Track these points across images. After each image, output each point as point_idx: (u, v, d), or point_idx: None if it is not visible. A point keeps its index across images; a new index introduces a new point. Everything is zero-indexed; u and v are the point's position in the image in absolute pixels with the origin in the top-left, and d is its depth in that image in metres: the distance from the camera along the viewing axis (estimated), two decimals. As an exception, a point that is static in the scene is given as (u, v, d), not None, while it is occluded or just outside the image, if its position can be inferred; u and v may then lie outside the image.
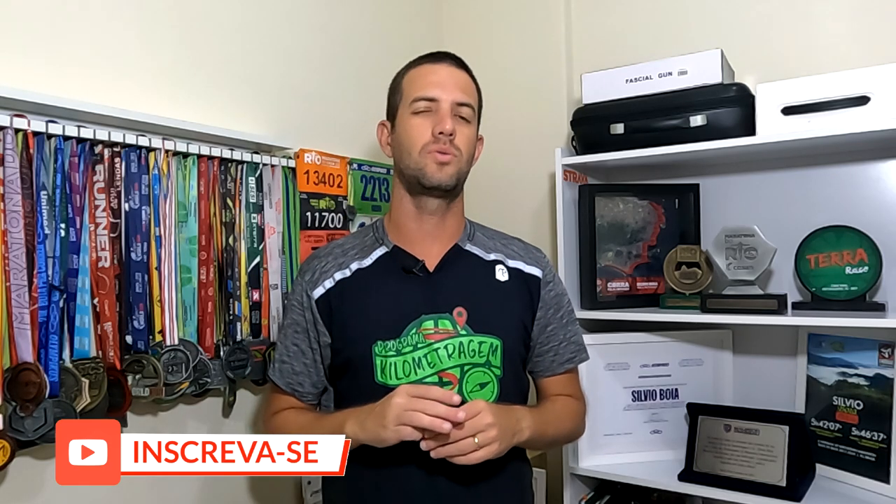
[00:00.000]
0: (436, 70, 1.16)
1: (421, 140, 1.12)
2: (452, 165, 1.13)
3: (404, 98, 1.16)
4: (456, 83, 1.15)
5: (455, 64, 1.18)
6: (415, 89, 1.15)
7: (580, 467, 1.66)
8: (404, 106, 1.16)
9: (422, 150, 1.12)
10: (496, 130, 2.01)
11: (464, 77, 1.18)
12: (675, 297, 1.66)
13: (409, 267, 1.15)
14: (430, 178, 1.12)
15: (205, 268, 1.33)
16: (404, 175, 1.17)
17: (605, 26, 1.95)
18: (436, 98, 1.13)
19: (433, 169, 1.12)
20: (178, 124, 1.29)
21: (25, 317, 1.04)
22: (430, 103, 1.13)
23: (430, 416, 0.95)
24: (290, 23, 1.64)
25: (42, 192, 1.08)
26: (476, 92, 1.21)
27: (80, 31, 1.21)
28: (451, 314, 1.13)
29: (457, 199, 1.21)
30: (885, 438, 1.43)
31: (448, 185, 1.13)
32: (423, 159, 1.12)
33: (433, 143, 1.11)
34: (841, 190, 1.60)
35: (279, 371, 1.20)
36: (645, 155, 1.58)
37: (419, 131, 1.13)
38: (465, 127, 1.15)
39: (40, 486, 1.14)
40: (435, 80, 1.15)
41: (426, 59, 1.19)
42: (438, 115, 1.12)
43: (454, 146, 1.12)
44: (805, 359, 1.61)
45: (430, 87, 1.14)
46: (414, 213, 1.18)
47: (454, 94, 1.14)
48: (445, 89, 1.14)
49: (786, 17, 1.69)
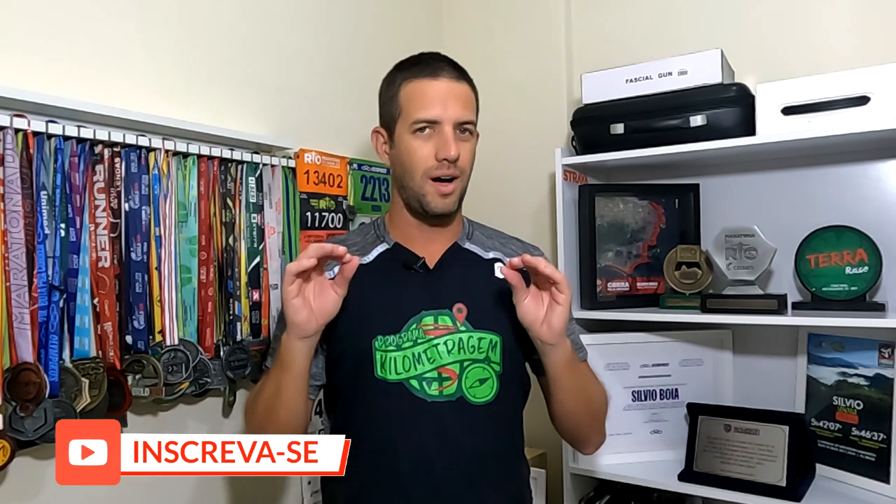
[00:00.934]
0: (435, 87, 1.12)
1: (423, 164, 1.11)
2: (455, 193, 1.13)
3: (403, 115, 1.13)
4: (457, 99, 1.12)
5: (453, 75, 1.14)
6: (414, 109, 1.12)
7: (580, 467, 1.66)
8: (403, 124, 1.13)
9: (423, 175, 1.11)
10: (496, 130, 2.02)
11: (463, 89, 1.15)
12: (675, 297, 1.66)
13: (410, 264, 1.15)
14: (434, 208, 1.13)
15: (205, 268, 1.33)
16: (405, 190, 1.16)
17: (605, 26, 1.95)
18: (437, 120, 1.10)
19: (437, 200, 1.12)
20: (178, 124, 1.29)
21: (25, 317, 1.04)
22: (432, 125, 1.11)
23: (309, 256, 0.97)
24: (290, 23, 1.64)
25: (42, 192, 1.08)
26: (475, 100, 1.19)
27: (80, 31, 1.21)
28: (450, 310, 1.13)
29: None
30: (885, 438, 1.43)
31: (450, 211, 1.15)
32: (425, 186, 1.11)
33: (436, 168, 1.11)
34: (841, 190, 1.60)
35: None
36: (645, 155, 1.58)
37: (421, 154, 1.11)
38: (467, 143, 1.14)
39: (40, 486, 1.14)
40: (435, 98, 1.11)
41: (423, 72, 1.14)
42: (442, 138, 1.10)
43: (457, 167, 1.12)
44: (805, 359, 1.62)
45: (432, 107, 1.11)
46: (415, 221, 1.18)
47: (456, 113, 1.11)
48: (447, 108, 1.11)
49: (786, 17, 1.69)
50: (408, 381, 1.09)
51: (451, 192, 1.12)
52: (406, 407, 1.08)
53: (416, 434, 1.08)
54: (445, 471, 1.08)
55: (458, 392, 1.10)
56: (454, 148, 1.09)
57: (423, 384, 1.09)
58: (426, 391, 1.09)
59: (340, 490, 1.14)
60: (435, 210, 1.13)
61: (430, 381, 1.09)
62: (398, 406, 1.09)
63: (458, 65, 1.18)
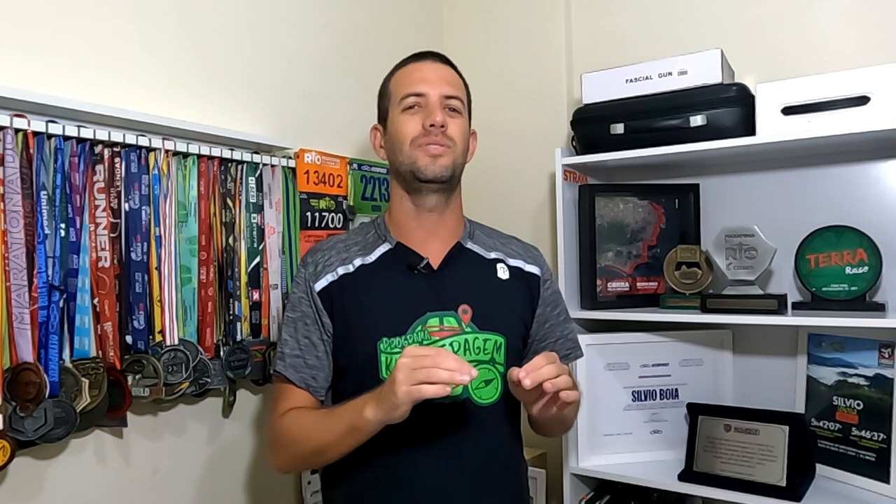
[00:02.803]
0: (420, 67, 1.18)
1: (411, 134, 1.13)
2: (446, 157, 1.13)
3: (393, 98, 1.18)
4: (441, 77, 1.17)
5: (439, 60, 1.20)
6: (402, 87, 1.16)
7: (580, 467, 1.66)
8: (394, 106, 1.17)
9: (412, 143, 1.13)
10: (496, 130, 2.02)
11: (449, 72, 1.20)
12: (675, 297, 1.66)
13: (413, 264, 1.15)
14: (425, 172, 1.12)
15: (205, 268, 1.33)
16: (400, 173, 1.17)
17: (605, 26, 1.95)
18: (423, 93, 1.14)
19: (426, 161, 1.12)
20: (178, 124, 1.29)
21: (25, 317, 1.04)
22: (419, 98, 1.14)
23: (445, 370, 0.90)
24: (290, 23, 1.64)
25: (42, 192, 1.08)
26: (464, 86, 1.22)
27: (80, 31, 1.21)
28: (456, 312, 1.13)
29: (454, 196, 1.21)
30: (885, 438, 1.43)
31: (444, 176, 1.13)
32: (415, 153, 1.12)
33: (424, 136, 1.12)
34: (841, 190, 1.60)
35: (292, 366, 1.14)
36: (645, 155, 1.58)
37: (409, 126, 1.13)
38: (456, 118, 1.16)
39: (40, 486, 1.14)
40: (420, 76, 1.16)
41: (410, 60, 1.21)
42: (428, 108, 1.13)
43: (447, 137, 1.13)
44: (805, 359, 1.62)
45: (417, 83, 1.15)
46: (413, 212, 1.18)
47: (441, 88, 1.15)
48: (432, 84, 1.15)
49: (786, 17, 1.69)
50: None
51: (441, 153, 1.13)
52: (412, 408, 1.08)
53: (422, 435, 1.08)
54: (451, 471, 1.08)
55: (464, 393, 1.10)
56: (439, 114, 1.12)
57: None
58: None
59: (343, 491, 1.14)
60: (427, 174, 1.12)
61: None
62: None
63: (447, 57, 1.22)
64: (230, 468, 1.47)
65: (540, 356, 0.99)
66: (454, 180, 1.18)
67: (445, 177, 1.14)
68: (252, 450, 1.51)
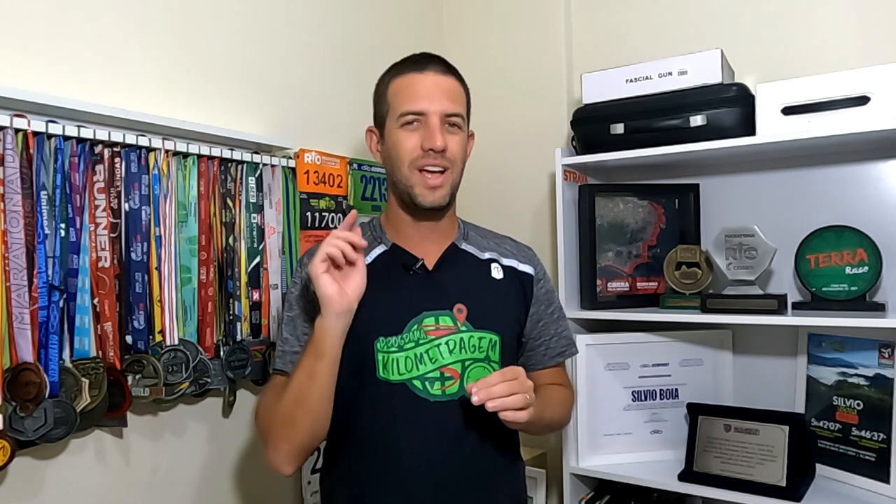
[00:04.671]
0: (421, 80, 1.12)
1: (409, 154, 1.11)
2: (445, 186, 1.12)
3: (391, 110, 1.14)
4: (443, 92, 1.12)
5: (440, 69, 1.14)
6: (401, 102, 1.12)
7: (580, 467, 1.66)
8: (391, 119, 1.14)
9: (410, 165, 1.11)
10: (496, 130, 2.02)
11: (451, 83, 1.15)
12: (675, 297, 1.66)
13: (409, 265, 1.16)
14: (423, 202, 1.12)
15: (205, 268, 1.33)
16: (397, 187, 1.16)
17: (605, 26, 1.95)
18: (423, 112, 1.10)
19: (424, 193, 1.11)
20: (178, 124, 1.29)
21: (25, 317, 1.04)
22: (418, 117, 1.11)
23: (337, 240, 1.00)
24: (290, 23, 1.64)
25: (42, 192, 1.08)
26: (464, 95, 1.18)
27: (80, 31, 1.21)
28: (451, 311, 1.13)
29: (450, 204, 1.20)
30: (885, 438, 1.43)
31: (441, 205, 1.13)
32: (413, 176, 1.11)
33: (422, 158, 1.10)
34: (841, 190, 1.60)
35: (292, 363, 1.13)
36: (645, 155, 1.58)
37: (407, 145, 1.11)
38: (455, 135, 1.13)
39: (40, 486, 1.14)
40: (421, 91, 1.11)
41: (409, 67, 1.15)
42: (427, 129, 1.10)
43: (447, 159, 1.11)
44: (805, 359, 1.62)
45: (417, 99, 1.11)
46: (409, 219, 1.18)
47: (442, 105, 1.11)
48: (433, 101, 1.11)
49: (786, 17, 1.69)
50: (410, 382, 1.09)
51: (439, 184, 1.12)
52: (409, 407, 1.09)
53: (420, 433, 1.09)
54: (449, 469, 1.09)
55: (460, 391, 1.10)
56: (440, 138, 1.09)
57: (426, 384, 1.10)
58: (429, 391, 1.09)
59: (342, 490, 1.14)
60: (424, 203, 1.12)
61: (433, 380, 1.10)
62: (401, 406, 1.09)
63: (447, 62, 1.17)
64: (230, 468, 1.47)
65: (498, 372, 1.00)
66: (452, 201, 1.17)
67: (443, 205, 1.14)
68: (252, 450, 1.51)
